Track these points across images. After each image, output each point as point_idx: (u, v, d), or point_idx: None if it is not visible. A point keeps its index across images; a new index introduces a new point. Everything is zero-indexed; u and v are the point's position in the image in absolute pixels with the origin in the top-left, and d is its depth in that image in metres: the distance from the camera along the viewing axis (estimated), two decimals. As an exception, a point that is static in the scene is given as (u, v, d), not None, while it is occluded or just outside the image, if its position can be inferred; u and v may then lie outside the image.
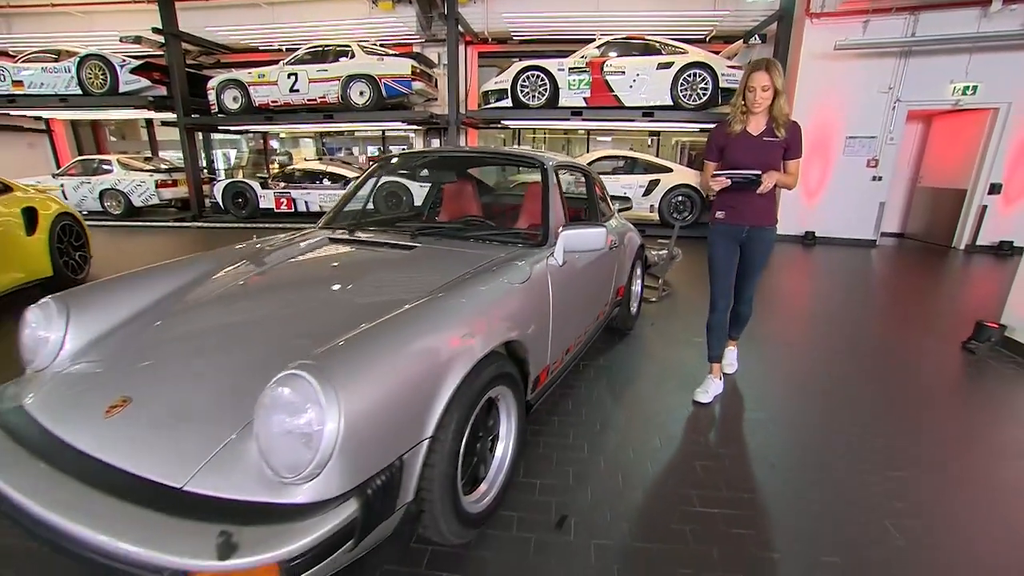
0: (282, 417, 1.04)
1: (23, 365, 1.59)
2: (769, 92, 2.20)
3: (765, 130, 2.28)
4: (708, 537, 1.63)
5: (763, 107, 2.23)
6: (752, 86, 2.21)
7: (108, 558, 0.98)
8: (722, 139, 2.38)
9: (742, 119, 2.30)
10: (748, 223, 2.40)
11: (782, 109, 2.23)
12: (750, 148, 2.29)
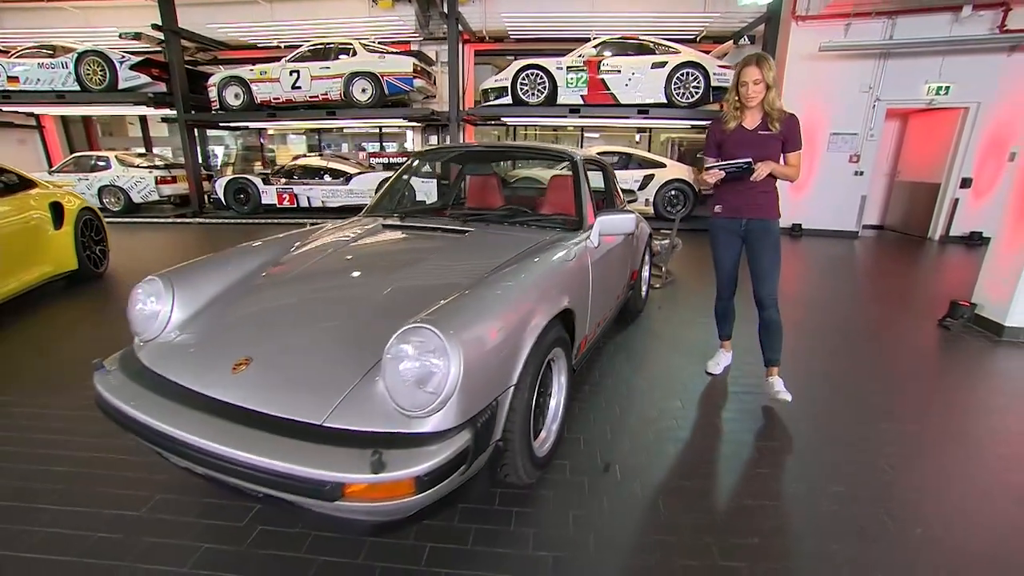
0: (410, 364, 1.28)
1: (133, 335, 1.79)
2: (761, 86, 2.25)
3: (760, 124, 2.33)
4: (736, 476, 1.92)
5: (756, 101, 2.27)
6: (744, 80, 2.27)
7: (274, 480, 1.21)
8: (719, 135, 2.43)
9: (736, 115, 2.36)
10: (745, 216, 2.42)
11: (772, 103, 2.27)
12: (746, 142, 2.34)
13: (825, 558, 1.53)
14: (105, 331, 3.53)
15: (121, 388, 1.55)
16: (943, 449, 2.16)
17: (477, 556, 1.52)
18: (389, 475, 1.16)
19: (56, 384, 2.63)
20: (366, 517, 1.39)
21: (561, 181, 2.88)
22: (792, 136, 2.32)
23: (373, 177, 8.77)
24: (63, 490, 1.80)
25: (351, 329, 1.57)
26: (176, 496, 1.78)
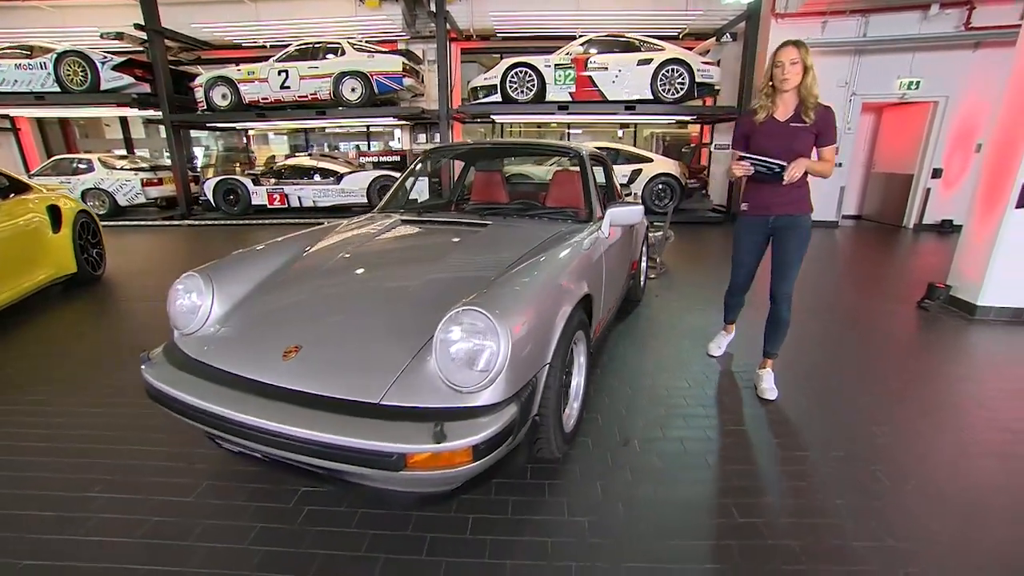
0: (462, 344, 1.40)
1: (173, 329, 1.86)
2: (798, 67, 2.11)
3: (792, 115, 2.19)
4: (746, 446, 2.08)
5: (792, 84, 2.13)
6: (780, 60, 2.13)
7: (342, 454, 1.31)
8: (748, 127, 2.31)
9: (767, 104, 2.22)
10: (774, 212, 2.32)
11: (811, 89, 2.13)
12: (776, 135, 2.21)
13: (833, 512, 1.69)
14: (115, 332, 3.55)
15: (173, 378, 1.63)
16: (927, 415, 2.36)
17: (518, 523, 1.65)
18: (450, 444, 1.28)
19: (81, 383, 2.67)
20: (420, 488, 1.51)
21: (567, 176, 3.01)
22: (827, 129, 2.19)
23: (364, 176, 8.79)
24: (109, 480, 1.87)
25: (394, 316, 1.68)
26: (221, 483, 1.87)
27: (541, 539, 1.58)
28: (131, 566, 1.48)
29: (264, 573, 1.45)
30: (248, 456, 1.60)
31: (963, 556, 1.52)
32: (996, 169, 3.67)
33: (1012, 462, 2.00)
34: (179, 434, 2.14)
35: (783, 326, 2.46)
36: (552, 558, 1.50)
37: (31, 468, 1.95)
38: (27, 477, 1.89)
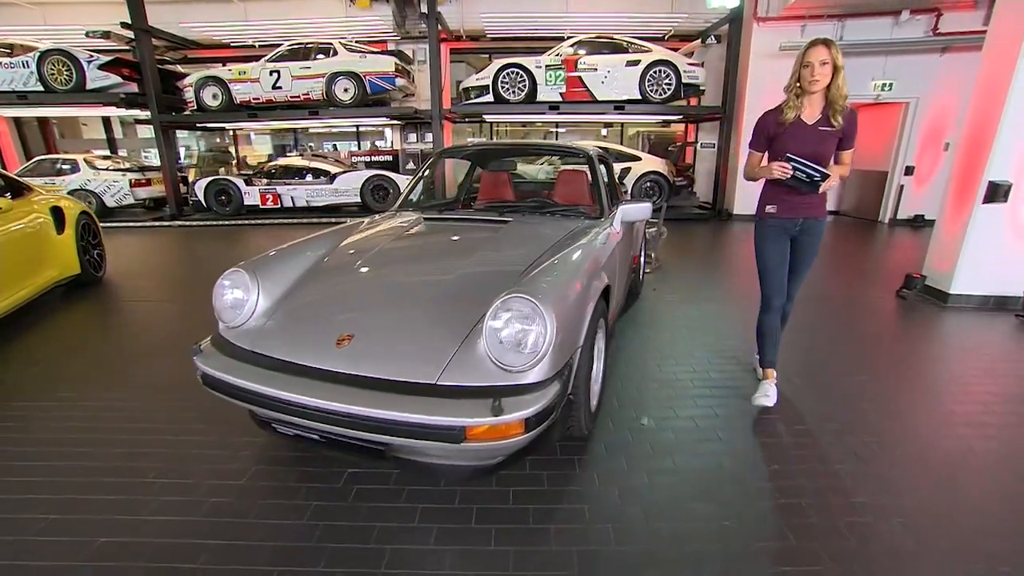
0: (512, 327, 1.55)
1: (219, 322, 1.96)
2: (828, 68, 2.02)
3: (820, 118, 2.12)
4: (750, 422, 2.28)
5: (821, 85, 2.05)
6: (809, 61, 2.04)
7: (407, 430, 1.45)
8: (772, 127, 2.21)
9: (796, 104, 2.12)
10: (802, 215, 2.27)
11: (840, 90, 2.05)
12: (803, 138, 2.13)
13: (833, 475, 1.89)
14: (128, 331, 3.60)
15: (230, 366, 1.74)
16: (910, 391, 2.60)
17: (555, 493, 1.81)
18: (506, 417, 1.43)
19: (107, 381, 2.75)
20: (471, 460, 1.66)
21: (574, 174, 3.17)
22: (850, 133, 2.15)
23: (357, 176, 8.83)
24: (161, 467, 1.98)
25: (437, 306, 1.82)
26: (269, 467, 1.99)
27: (578, 506, 1.74)
28: (200, 540, 1.60)
29: (326, 543, 1.58)
30: (303, 438, 1.72)
31: (944, 506, 1.74)
32: (965, 168, 3.96)
33: (983, 429, 2.24)
34: (217, 424, 2.26)
35: (784, 321, 2.49)
36: (590, 521, 1.67)
37: (84, 458, 2.03)
38: (83, 466, 1.98)
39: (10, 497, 1.81)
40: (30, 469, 1.97)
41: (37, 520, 1.68)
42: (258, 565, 1.50)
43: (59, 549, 1.56)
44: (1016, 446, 2.15)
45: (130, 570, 1.48)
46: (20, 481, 1.90)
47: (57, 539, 1.60)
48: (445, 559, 1.52)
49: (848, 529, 1.64)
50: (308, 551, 1.55)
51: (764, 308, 2.43)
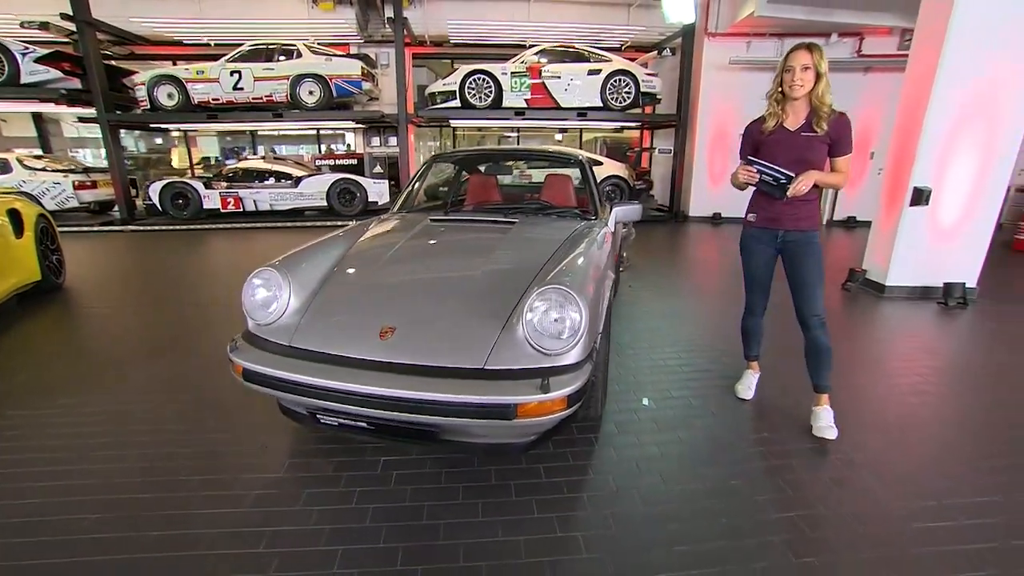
0: (550, 315, 1.72)
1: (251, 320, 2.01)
2: (810, 73, 2.00)
3: (804, 124, 2.07)
4: (737, 400, 2.56)
5: (803, 91, 2.02)
6: (791, 65, 2.02)
7: (463, 410, 1.59)
8: (756, 136, 2.20)
9: (777, 111, 2.11)
10: (783, 227, 2.20)
11: (822, 97, 2.01)
12: (786, 145, 2.09)
13: (812, 439, 2.19)
14: (107, 337, 3.47)
15: (273, 361, 1.81)
16: (862, 369, 2.98)
17: (581, 467, 2.00)
18: (553, 394, 1.60)
19: (107, 385, 2.69)
20: (516, 437, 1.81)
21: (560, 178, 3.37)
22: (841, 138, 2.07)
23: (323, 179, 8.70)
24: (192, 465, 2.01)
25: (470, 298, 1.96)
26: (302, 460, 2.06)
27: (603, 476, 1.94)
28: (256, 528, 1.67)
29: (380, 523, 1.70)
30: (348, 427, 1.82)
31: (899, 457, 2.08)
32: (894, 175, 4.50)
33: (924, 397, 2.63)
34: (230, 423, 2.32)
35: (824, 353, 2.21)
36: (617, 489, 1.87)
37: (110, 460, 2.03)
38: (113, 468, 1.98)
39: (49, 500, 1.79)
40: (59, 474, 1.94)
41: (83, 519, 1.69)
42: (320, 546, 1.59)
43: (114, 544, 1.59)
44: (949, 408, 2.56)
45: (195, 558, 1.54)
46: (55, 485, 1.87)
47: (108, 535, 1.62)
48: (497, 528, 1.67)
49: (831, 480, 1.93)
50: (365, 530, 1.66)
51: (745, 312, 2.52)
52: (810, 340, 2.25)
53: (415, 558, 1.54)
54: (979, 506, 1.80)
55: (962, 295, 4.20)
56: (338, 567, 1.51)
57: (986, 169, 4.17)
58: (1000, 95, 3.99)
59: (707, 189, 9.37)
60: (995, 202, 4.28)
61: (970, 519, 1.74)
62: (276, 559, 1.53)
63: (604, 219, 2.91)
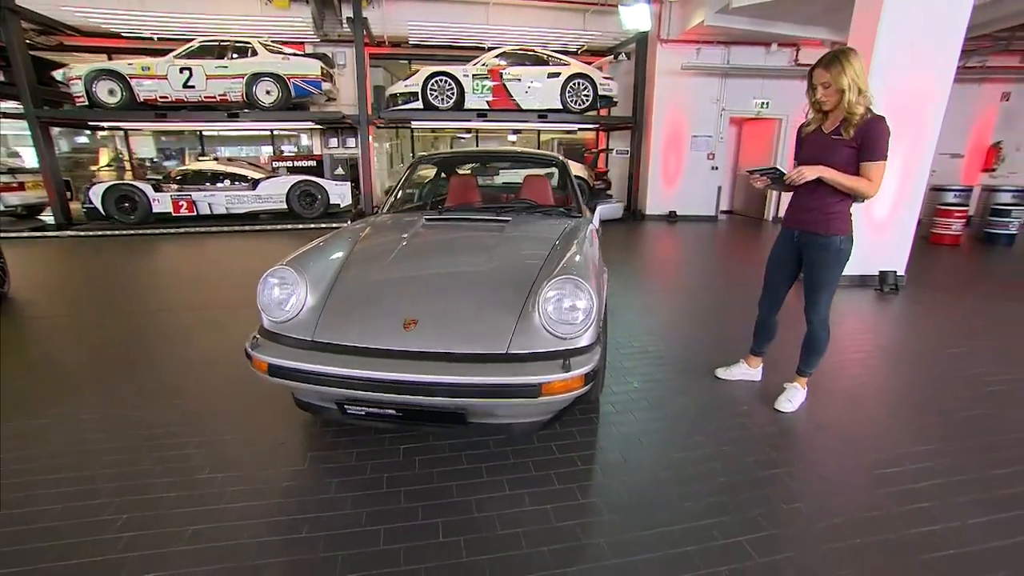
0: (564, 302, 1.88)
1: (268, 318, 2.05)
2: (832, 89, 2.05)
3: (835, 129, 2.14)
4: (713, 379, 2.82)
5: (830, 106, 2.12)
6: (814, 84, 2.10)
7: (493, 391, 1.72)
8: (799, 136, 2.31)
9: (817, 117, 2.22)
10: (798, 227, 2.31)
11: (849, 107, 2.05)
12: (814, 146, 2.20)
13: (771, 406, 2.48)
14: (72, 344, 3.32)
15: (300, 355, 1.88)
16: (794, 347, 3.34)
17: (589, 443, 2.18)
18: (574, 373, 1.77)
19: (91, 393, 2.62)
20: (537, 415, 1.96)
21: (530, 181, 3.54)
22: (867, 143, 2.06)
23: (283, 181, 8.48)
24: (211, 464, 2.03)
25: (483, 290, 2.08)
26: (322, 452, 2.12)
27: (610, 449, 2.14)
28: (293, 516, 1.73)
29: (415, 503, 1.80)
30: (376, 416, 1.91)
31: (853, 420, 2.40)
32: (835, 172, 4.99)
33: (869, 369, 3.02)
34: (236, 423, 2.35)
35: (815, 345, 2.42)
36: (625, 459, 2.06)
37: (123, 464, 2.01)
38: (130, 471, 1.97)
39: (75, 504, 1.77)
40: (78, 479, 1.91)
41: (113, 520, 1.69)
42: (360, 527, 1.68)
43: (150, 541, 1.61)
44: (890, 378, 2.95)
45: (239, 547, 1.59)
46: (76, 490, 1.85)
47: (142, 533, 1.64)
48: (524, 499, 1.82)
49: (804, 441, 2.22)
50: (401, 510, 1.76)
51: (759, 303, 2.65)
52: (808, 333, 2.46)
53: (455, 530, 1.66)
54: (921, 454, 2.13)
55: (894, 282, 4.73)
56: (384, 544, 1.61)
57: (909, 170, 4.71)
58: (920, 104, 4.52)
59: (662, 189, 9.87)
60: (917, 199, 4.84)
61: (914, 464, 2.05)
62: (321, 541, 1.61)
63: (588, 217, 3.11)
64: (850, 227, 2.26)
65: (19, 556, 1.55)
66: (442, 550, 1.58)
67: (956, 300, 4.57)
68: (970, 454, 2.13)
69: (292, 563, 1.53)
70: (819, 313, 2.37)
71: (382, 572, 1.49)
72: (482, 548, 1.59)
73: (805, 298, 2.41)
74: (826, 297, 2.34)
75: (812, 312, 2.39)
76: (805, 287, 2.39)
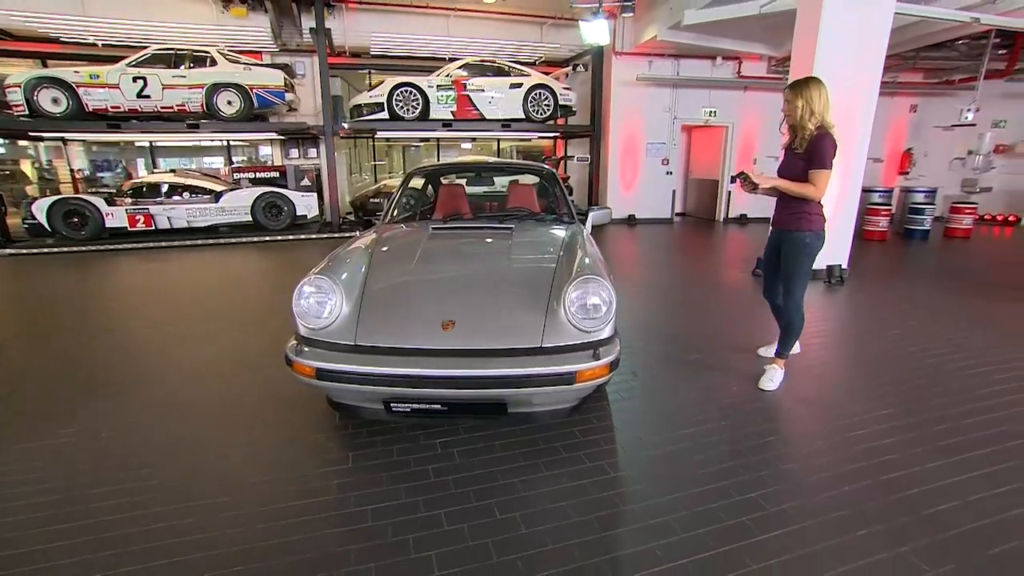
0: (588, 300, 2.11)
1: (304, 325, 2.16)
2: (791, 106, 2.50)
3: (795, 144, 2.59)
4: (701, 363, 3.14)
5: (791, 119, 2.56)
6: (784, 99, 2.57)
7: (534, 380, 1.92)
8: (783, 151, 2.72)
9: (790, 136, 2.63)
10: (776, 227, 2.75)
11: (800, 122, 2.50)
12: (785, 159, 2.67)
13: (751, 381, 2.82)
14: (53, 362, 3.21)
15: (347, 359, 2.01)
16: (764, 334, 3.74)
17: (606, 427, 2.42)
18: (603, 361, 2.00)
19: (114, 406, 2.59)
20: (566, 403, 2.18)
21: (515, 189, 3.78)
22: (813, 155, 2.48)
23: (247, 194, 8.26)
24: (254, 469, 2.10)
25: (509, 290, 2.28)
26: (361, 451, 2.24)
27: (627, 430, 2.39)
28: (355, 509, 1.86)
29: (465, 488, 1.97)
30: (421, 412, 2.07)
31: (820, 393, 2.77)
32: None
33: (828, 351, 3.45)
34: (262, 432, 2.42)
35: (789, 329, 2.81)
36: (642, 437, 2.32)
37: (162, 475, 2.05)
38: (174, 479, 2.02)
39: (119, 517, 1.81)
40: (122, 491, 1.93)
41: (173, 527, 1.75)
42: (421, 512, 1.84)
43: (220, 539, 1.69)
44: (846, 357, 3.38)
45: (318, 538, 1.70)
46: (126, 502, 1.88)
47: (206, 536, 1.71)
48: (562, 477, 2.03)
49: (789, 413, 2.57)
50: (454, 495, 1.93)
51: (763, 294, 3.03)
52: (784, 319, 2.86)
53: (509, 508, 1.85)
54: (882, 416, 2.51)
55: (840, 275, 5.29)
56: (447, 525, 1.77)
57: (847, 174, 5.30)
58: (853, 116, 5.12)
59: (621, 194, 10.37)
60: (855, 200, 5.45)
61: (879, 425, 2.43)
62: (389, 528, 1.75)
63: (579, 223, 3.36)
64: (817, 225, 2.66)
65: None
66: (502, 525, 1.76)
67: (890, 289, 5.19)
68: (920, 413, 2.54)
69: (370, 548, 1.66)
70: (793, 299, 2.74)
71: (454, 548, 1.66)
72: (537, 520, 1.78)
73: (782, 287, 2.78)
74: (798, 286, 2.72)
75: (787, 298, 2.78)
76: (781, 277, 2.78)
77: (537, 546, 1.66)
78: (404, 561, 1.61)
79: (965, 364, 3.15)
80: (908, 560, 1.61)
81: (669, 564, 1.59)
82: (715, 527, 1.75)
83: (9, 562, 1.61)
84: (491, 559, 1.61)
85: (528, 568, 1.58)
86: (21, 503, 1.89)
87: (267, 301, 4.74)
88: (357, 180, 12.46)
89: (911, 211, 8.28)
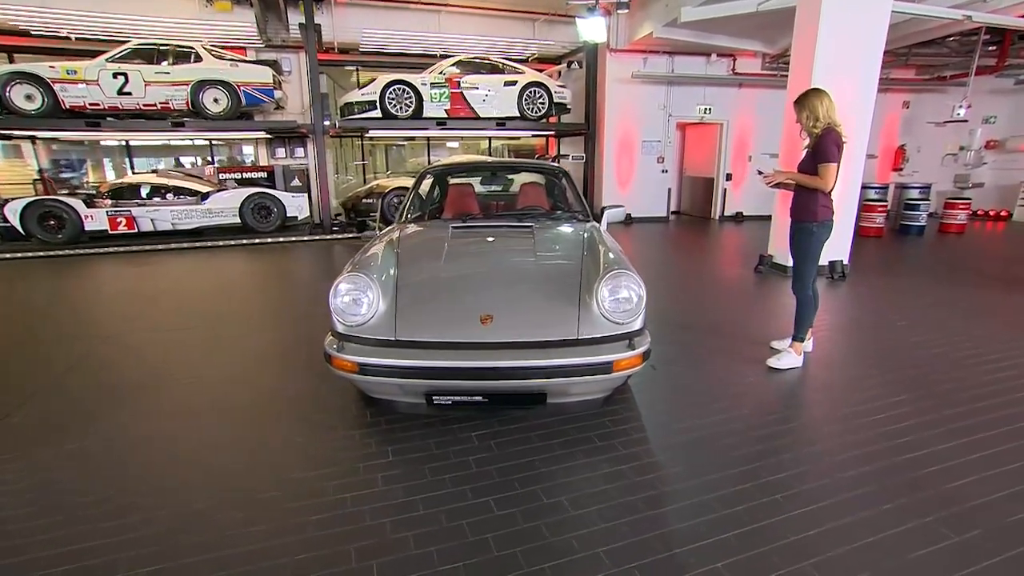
0: (620, 294, 2.18)
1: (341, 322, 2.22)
2: (799, 118, 2.88)
3: (809, 143, 2.94)
4: (703, 353, 3.24)
5: (803, 127, 2.91)
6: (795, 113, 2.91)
7: (573, 370, 1.99)
8: None
9: (805, 136, 2.95)
10: (791, 217, 3.04)
11: (806, 126, 2.88)
12: (802, 158, 2.99)
13: (791, 373, 2.93)
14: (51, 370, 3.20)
15: (391, 354, 2.06)
16: (774, 327, 3.84)
17: (634, 416, 2.50)
18: (637, 351, 2.09)
19: (134, 416, 2.60)
20: (600, 393, 2.25)
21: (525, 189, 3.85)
22: (818, 150, 2.83)
23: (235, 195, 8.12)
24: (296, 467, 2.13)
25: (541, 284, 2.36)
26: (400, 446, 2.28)
27: (655, 417, 2.47)
28: (404, 500, 1.90)
29: (509, 477, 2.02)
30: (462, 404, 2.13)
31: (833, 374, 2.89)
32: (782, 173, 5.67)
33: (834, 342, 3.59)
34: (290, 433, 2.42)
35: (799, 310, 3.05)
36: (669, 421, 2.40)
37: (207, 477, 2.07)
38: (222, 482, 2.04)
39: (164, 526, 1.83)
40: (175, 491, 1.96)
41: (236, 521, 1.78)
42: (471, 500, 1.89)
43: (284, 528, 1.73)
44: (851, 346, 3.52)
45: (373, 527, 1.75)
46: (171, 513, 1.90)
47: (256, 529, 1.75)
48: (600, 465, 2.10)
49: (806, 400, 2.68)
50: (499, 484, 1.98)
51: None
52: (796, 305, 3.09)
53: (554, 493, 1.92)
54: (894, 403, 2.63)
55: (842, 270, 5.45)
56: (497, 510, 1.83)
57: (847, 171, 5.42)
58: (852, 113, 5.24)
59: (617, 191, 10.48)
60: (855, 196, 5.61)
61: (892, 411, 2.54)
62: (442, 515, 1.81)
63: (600, 220, 3.43)
64: (823, 216, 2.93)
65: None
66: (551, 510, 1.83)
67: (891, 283, 5.37)
68: (931, 398, 2.67)
69: (427, 534, 1.71)
70: (802, 284, 2.99)
71: (507, 532, 1.72)
72: (584, 503, 1.86)
73: (792, 271, 3.07)
74: (805, 271, 2.99)
75: (796, 283, 3.04)
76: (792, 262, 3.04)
77: (588, 526, 1.74)
78: (462, 544, 1.66)
79: (970, 352, 3.30)
80: (936, 529, 1.72)
81: (714, 538, 1.68)
82: (751, 504, 1.84)
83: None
84: (546, 538, 1.68)
85: (583, 545, 1.65)
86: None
87: (267, 302, 4.74)
88: (342, 180, 12.30)
89: (906, 207, 8.49)
